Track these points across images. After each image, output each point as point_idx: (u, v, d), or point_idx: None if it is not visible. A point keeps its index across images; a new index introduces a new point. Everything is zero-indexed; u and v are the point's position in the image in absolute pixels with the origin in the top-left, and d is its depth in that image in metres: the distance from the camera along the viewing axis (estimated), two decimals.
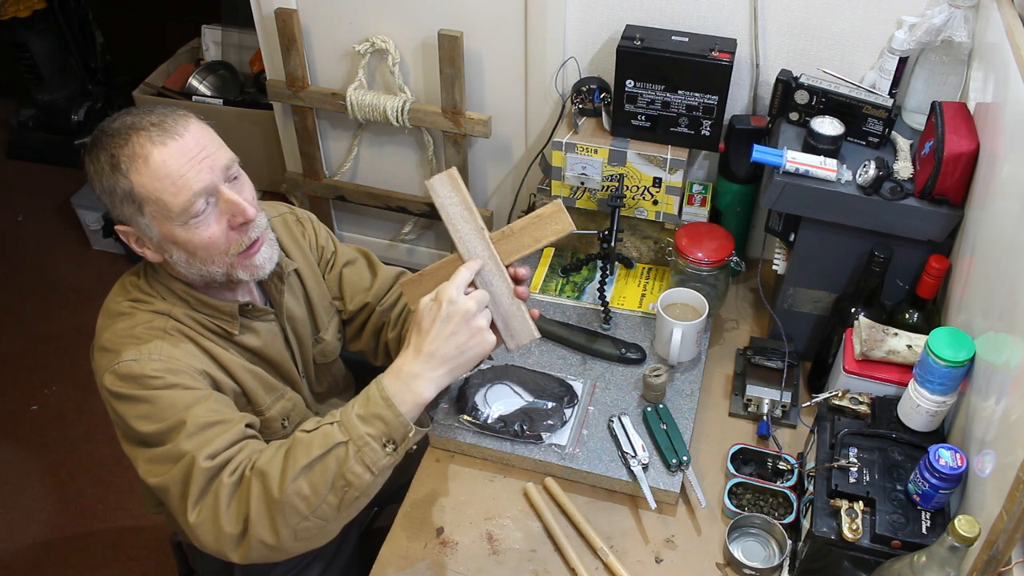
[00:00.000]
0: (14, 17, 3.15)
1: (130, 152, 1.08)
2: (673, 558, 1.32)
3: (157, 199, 1.09)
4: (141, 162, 1.07)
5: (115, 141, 1.09)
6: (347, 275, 1.49)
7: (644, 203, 1.72)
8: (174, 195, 1.08)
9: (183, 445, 1.09)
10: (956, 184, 1.33)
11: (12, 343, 2.79)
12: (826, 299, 1.54)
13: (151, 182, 1.08)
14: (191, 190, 1.08)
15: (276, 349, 1.33)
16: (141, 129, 1.08)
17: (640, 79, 1.63)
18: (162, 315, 1.20)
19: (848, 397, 1.31)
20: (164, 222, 1.11)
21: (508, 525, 1.37)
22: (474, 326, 1.05)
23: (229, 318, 1.25)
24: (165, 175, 1.08)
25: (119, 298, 1.22)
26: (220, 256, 1.15)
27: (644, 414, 1.47)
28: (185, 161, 1.09)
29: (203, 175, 1.09)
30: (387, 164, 2.23)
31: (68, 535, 2.25)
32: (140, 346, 1.14)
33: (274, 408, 1.31)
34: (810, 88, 1.52)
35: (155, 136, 1.08)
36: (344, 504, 1.07)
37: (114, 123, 1.11)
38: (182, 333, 1.20)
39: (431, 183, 1.10)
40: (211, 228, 1.12)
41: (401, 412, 1.05)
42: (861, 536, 1.13)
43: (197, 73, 2.83)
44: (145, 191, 1.09)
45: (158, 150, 1.08)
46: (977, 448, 1.10)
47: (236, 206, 1.13)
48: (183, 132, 1.10)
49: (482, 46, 1.91)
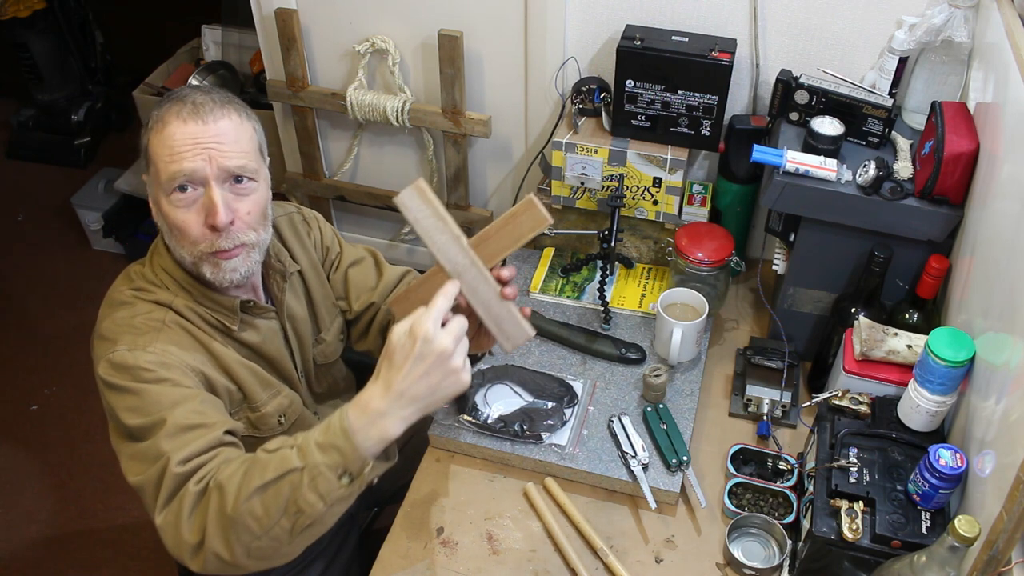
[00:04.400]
0: (14, 17, 3.15)
1: (159, 115, 1.16)
2: (673, 558, 1.32)
3: (155, 162, 1.15)
4: (160, 126, 1.15)
5: (161, 104, 1.17)
6: (352, 275, 1.49)
7: (644, 203, 1.72)
8: (166, 163, 1.14)
9: (162, 444, 1.08)
10: (956, 184, 1.33)
11: (12, 343, 2.79)
12: (826, 299, 1.54)
13: (157, 146, 1.15)
14: (179, 167, 1.13)
15: (275, 347, 1.33)
16: (180, 101, 1.16)
17: (640, 79, 1.63)
18: (163, 306, 1.21)
19: (848, 397, 1.31)
20: (156, 187, 1.17)
21: (508, 525, 1.37)
22: (449, 367, 0.98)
23: (230, 313, 1.25)
24: (168, 145, 1.14)
25: (122, 287, 1.24)
26: (189, 245, 1.18)
27: (644, 414, 1.47)
28: (191, 143, 1.14)
29: (197, 161, 1.14)
30: (387, 164, 2.23)
31: (68, 535, 2.25)
32: (137, 336, 1.16)
33: (270, 404, 1.31)
34: (810, 88, 1.52)
35: (184, 112, 1.14)
36: (297, 529, 1.02)
37: (179, 91, 1.19)
38: (181, 326, 1.21)
39: (399, 199, 1.07)
40: (187, 214, 1.16)
41: (359, 446, 0.99)
42: (861, 536, 1.13)
43: (197, 73, 2.83)
44: (152, 151, 1.16)
45: (176, 123, 1.14)
46: (977, 448, 1.10)
47: (212, 207, 1.15)
48: (209, 120, 1.15)
49: (482, 46, 1.91)
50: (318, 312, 1.44)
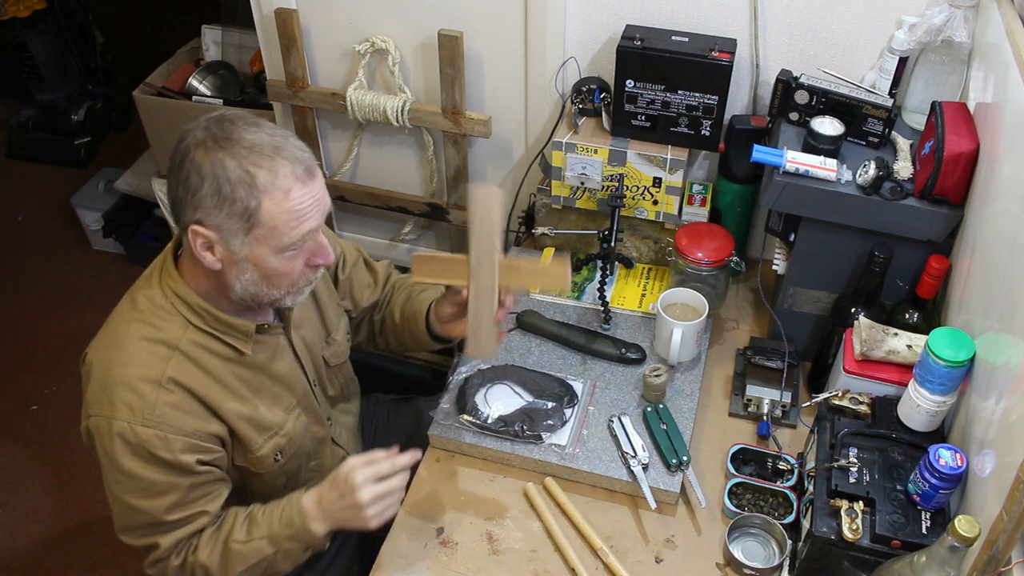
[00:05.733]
0: (14, 17, 3.15)
1: (272, 178, 1.09)
2: (673, 558, 1.32)
3: (275, 228, 1.11)
4: (281, 194, 1.09)
5: (255, 158, 1.08)
6: (354, 275, 1.53)
7: (644, 203, 1.72)
8: (292, 229, 1.11)
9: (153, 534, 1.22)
10: (956, 184, 1.33)
11: (12, 343, 2.79)
12: (826, 299, 1.54)
13: (280, 213, 1.10)
14: (306, 228, 1.13)
15: (285, 362, 1.33)
16: (286, 159, 1.10)
17: (640, 79, 1.63)
18: (168, 347, 1.18)
19: (848, 397, 1.31)
20: (263, 247, 1.12)
21: (508, 525, 1.37)
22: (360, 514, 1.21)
23: (244, 337, 1.25)
24: (294, 211, 1.11)
25: (128, 314, 1.21)
26: (287, 286, 1.19)
27: (644, 414, 1.47)
28: (313, 202, 1.13)
29: (317, 218, 1.14)
30: (387, 164, 2.23)
31: (68, 535, 2.25)
32: (132, 402, 1.15)
33: (266, 447, 1.30)
34: (810, 88, 1.52)
35: (299, 171, 1.11)
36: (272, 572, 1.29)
37: (248, 133, 1.10)
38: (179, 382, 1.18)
39: (481, 192, 1.19)
40: (297, 262, 1.17)
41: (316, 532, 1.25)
42: (861, 536, 1.13)
43: (197, 73, 2.82)
44: (268, 217, 1.10)
45: (299, 187, 1.11)
46: (977, 448, 1.10)
47: (323, 249, 1.19)
48: (316, 172, 1.15)
49: (482, 46, 1.91)
50: (326, 314, 1.44)
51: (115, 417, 1.16)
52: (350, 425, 1.56)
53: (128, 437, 1.16)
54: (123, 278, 3.02)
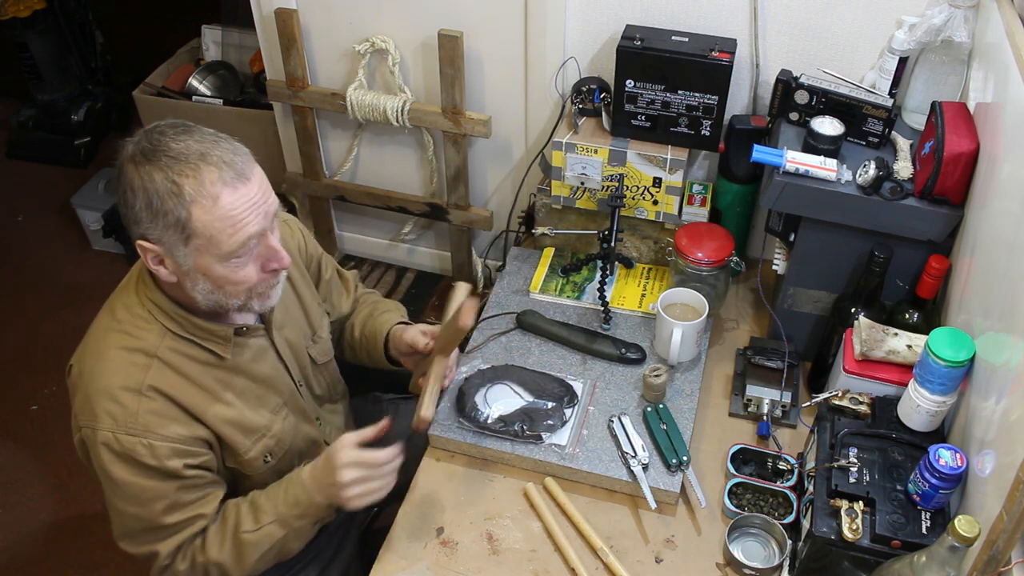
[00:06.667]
0: (14, 17, 3.14)
1: (198, 186, 1.06)
2: (673, 558, 1.32)
3: (211, 237, 1.09)
4: (209, 201, 1.07)
5: (180, 167, 1.06)
6: (333, 283, 1.56)
7: (644, 203, 1.72)
8: (229, 236, 1.09)
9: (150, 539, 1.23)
10: (956, 184, 1.33)
11: (12, 343, 2.79)
12: (826, 299, 1.54)
13: (212, 221, 1.07)
14: (246, 234, 1.10)
15: (268, 364, 1.33)
16: (212, 164, 1.07)
17: (640, 79, 1.63)
18: (147, 355, 1.18)
19: (848, 397, 1.31)
20: (206, 256, 1.11)
21: (508, 525, 1.37)
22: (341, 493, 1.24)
23: (223, 341, 1.24)
24: (227, 217, 1.08)
25: (107, 324, 1.21)
26: (243, 292, 1.17)
27: (644, 414, 1.47)
28: (249, 206, 1.10)
29: (258, 221, 1.11)
30: (387, 164, 2.23)
31: (68, 535, 2.25)
32: (114, 411, 1.16)
33: (254, 449, 1.30)
34: (810, 88, 1.52)
35: (227, 176, 1.08)
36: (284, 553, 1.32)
37: (175, 142, 1.07)
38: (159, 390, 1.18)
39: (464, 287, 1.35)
40: (247, 268, 1.14)
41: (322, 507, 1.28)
42: (861, 536, 1.13)
43: (197, 73, 2.83)
44: (202, 227, 1.08)
45: (229, 192, 1.08)
46: (977, 448, 1.10)
47: (275, 253, 1.16)
48: (251, 175, 1.11)
49: (482, 46, 1.91)
50: (309, 312, 1.44)
51: (99, 428, 1.16)
52: (339, 425, 1.55)
53: (113, 446, 1.16)
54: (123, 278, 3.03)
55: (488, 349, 1.63)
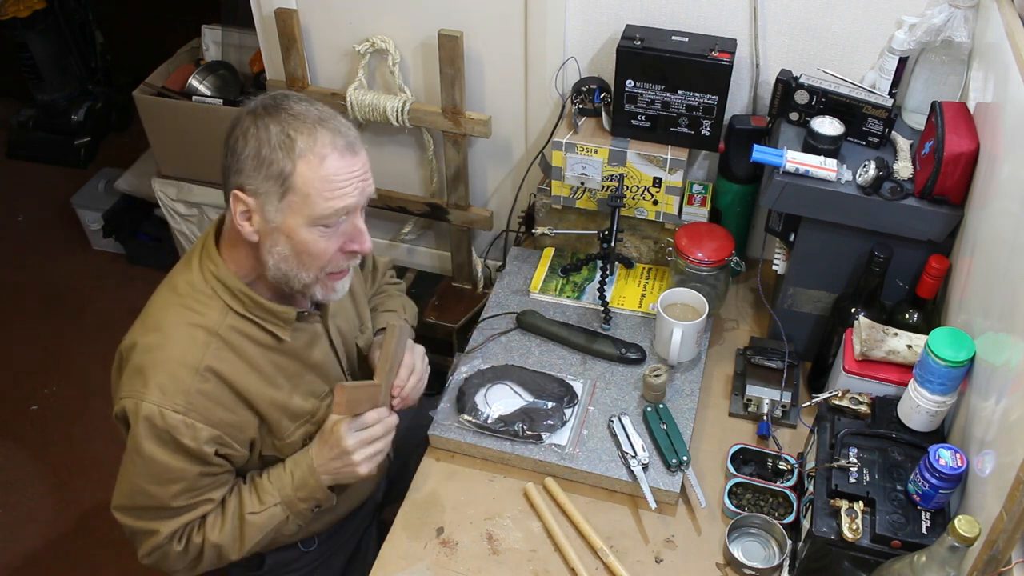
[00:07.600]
0: (14, 17, 3.15)
1: (310, 143, 1.10)
2: (673, 558, 1.32)
3: (308, 195, 1.11)
4: (316, 160, 1.10)
5: (297, 124, 1.11)
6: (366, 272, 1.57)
7: (644, 203, 1.72)
8: (325, 200, 1.12)
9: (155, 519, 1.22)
10: (956, 184, 1.33)
11: (12, 343, 2.79)
12: (826, 299, 1.54)
13: (314, 180, 1.11)
14: (341, 203, 1.13)
15: (321, 351, 1.33)
16: (328, 129, 1.12)
17: (640, 79, 1.63)
18: (208, 333, 1.18)
19: (848, 397, 1.31)
20: (296, 216, 1.12)
21: (508, 525, 1.37)
22: (350, 463, 1.26)
23: (284, 324, 1.24)
24: (329, 180, 1.11)
25: (168, 297, 1.21)
26: (317, 269, 1.18)
27: (644, 414, 1.47)
28: (351, 177, 1.13)
29: (355, 195, 1.14)
30: (387, 164, 2.23)
31: (68, 535, 2.25)
32: (166, 385, 1.15)
33: (296, 434, 1.30)
34: (810, 88, 1.52)
35: (339, 143, 1.12)
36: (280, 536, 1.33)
37: (297, 104, 1.13)
38: (215, 371, 1.18)
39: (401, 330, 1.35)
40: (329, 242, 1.16)
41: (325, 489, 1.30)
42: (861, 536, 1.13)
43: (197, 73, 2.82)
44: (302, 183, 1.11)
45: (336, 156, 1.12)
46: (977, 448, 1.10)
47: (360, 235, 1.19)
48: (360, 152, 1.15)
49: (482, 46, 1.91)
50: (359, 303, 1.46)
51: (145, 399, 1.14)
52: None
53: (155, 420, 1.14)
54: (123, 278, 3.03)
55: (488, 349, 1.63)
